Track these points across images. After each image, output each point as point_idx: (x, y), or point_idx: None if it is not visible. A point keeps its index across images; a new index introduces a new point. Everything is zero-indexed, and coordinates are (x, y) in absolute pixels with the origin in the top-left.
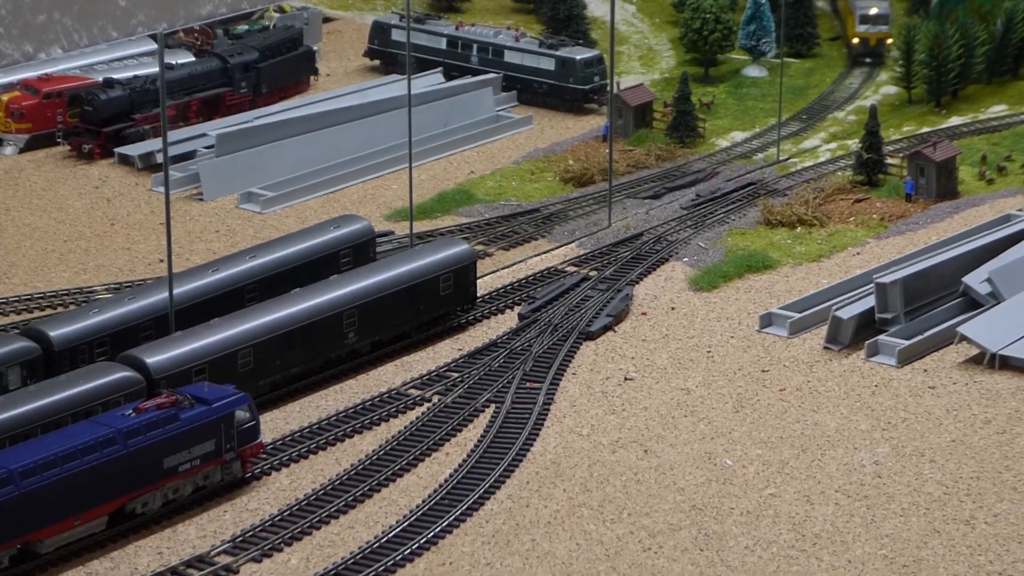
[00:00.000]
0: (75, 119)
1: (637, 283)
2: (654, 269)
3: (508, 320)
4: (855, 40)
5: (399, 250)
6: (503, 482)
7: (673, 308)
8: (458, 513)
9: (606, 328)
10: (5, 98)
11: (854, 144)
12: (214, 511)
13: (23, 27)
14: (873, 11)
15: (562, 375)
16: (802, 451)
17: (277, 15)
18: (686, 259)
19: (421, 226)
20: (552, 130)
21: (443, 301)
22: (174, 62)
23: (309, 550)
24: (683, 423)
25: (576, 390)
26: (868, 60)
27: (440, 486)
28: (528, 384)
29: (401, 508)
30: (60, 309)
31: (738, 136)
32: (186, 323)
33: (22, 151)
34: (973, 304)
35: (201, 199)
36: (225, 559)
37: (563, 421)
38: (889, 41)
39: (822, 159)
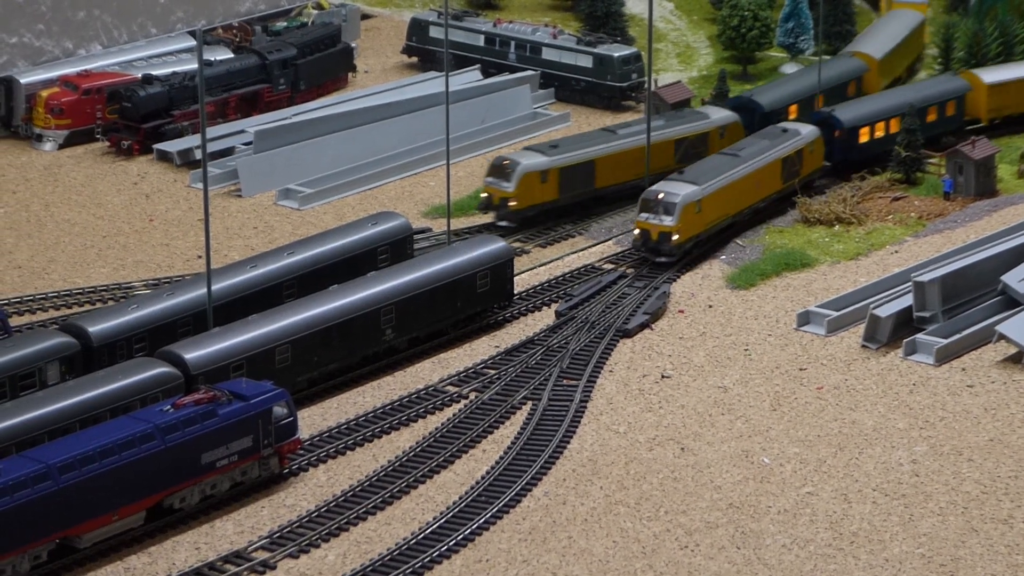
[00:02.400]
0: (114, 115)
1: (674, 281)
2: (692, 267)
3: (545, 317)
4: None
5: (436, 247)
6: (540, 479)
7: (710, 306)
8: (495, 510)
9: (643, 326)
10: (45, 94)
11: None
12: (251, 507)
13: (63, 24)
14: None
15: (599, 372)
16: (839, 449)
17: (315, 12)
18: (723, 257)
19: (458, 223)
20: (589, 127)
21: (480, 298)
22: (213, 59)
23: (346, 546)
24: (720, 421)
25: (613, 387)
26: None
27: (477, 483)
28: (565, 381)
29: (438, 505)
30: (99, 305)
31: None
32: (224, 319)
33: (61, 147)
34: (1011, 303)
35: (239, 195)
36: (262, 555)
37: (600, 418)
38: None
39: None
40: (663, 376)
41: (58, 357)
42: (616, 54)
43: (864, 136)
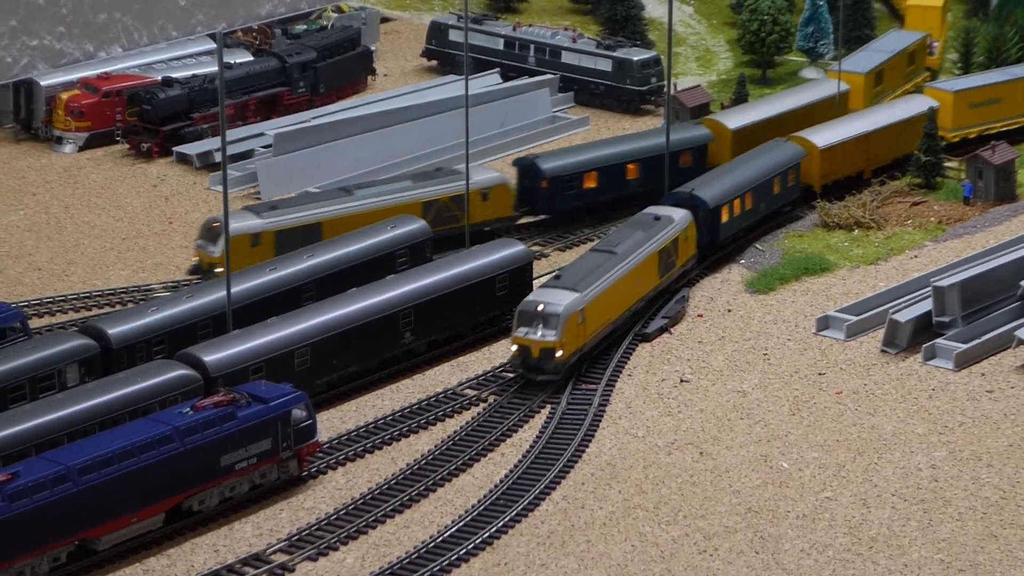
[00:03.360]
0: (134, 118)
1: (693, 285)
2: (711, 271)
3: None
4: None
5: (455, 250)
6: (558, 483)
7: (729, 310)
8: (513, 514)
9: (662, 330)
10: (65, 96)
11: None
12: (270, 509)
13: (84, 26)
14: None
15: (618, 376)
16: (858, 454)
17: (335, 15)
18: (743, 261)
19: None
20: (609, 131)
21: (499, 302)
22: (232, 61)
23: (364, 549)
24: (739, 425)
25: (632, 391)
26: None
27: (495, 486)
28: (584, 385)
29: (456, 508)
30: (118, 307)
31: None
32: (243, 322)
33: (81, 149)
34: None
35: (259, 198)
36: (281, 557)
37: (618, 422)
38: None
39: None
40: (682, 380)
41: (78, 359)
42: (635, 58)
43: (725, 215)
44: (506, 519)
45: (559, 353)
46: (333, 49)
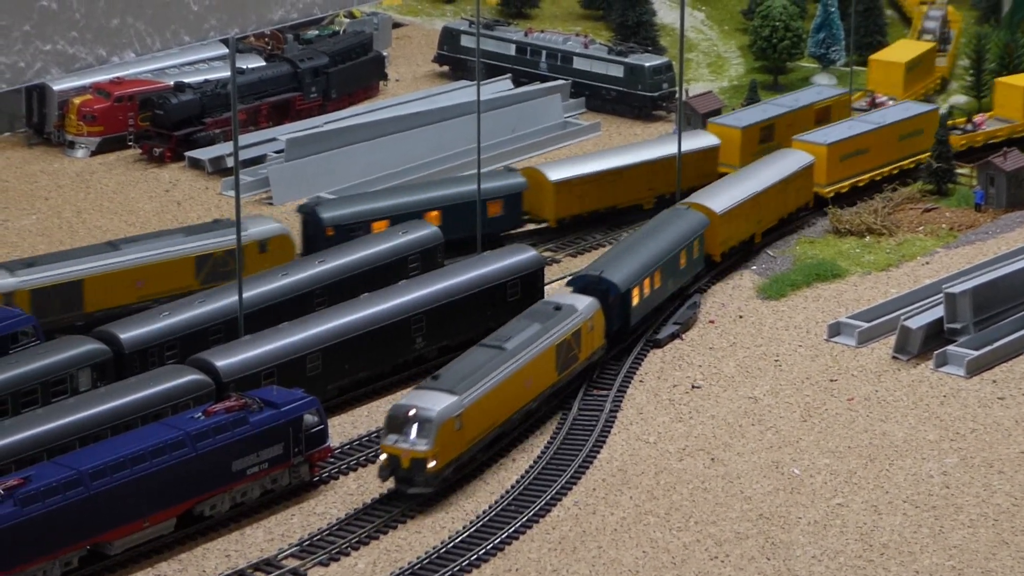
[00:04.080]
0: (146, 122)
1: (705, 291)
2: (722, 278)
3: None
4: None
5: (467, 256)
6: (570, 488)
7: (741, 316)
8: (525, 519)
9: (674, 336)
10: (77, 101)
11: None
12: (282, 514)
13: (97, 31)
14: None
15: (629, 382)
16: (870, 461)
17: (347, 20)
18: (754, 267)
19: None
20: (620, 137)
21: (511, 307)
22: (245, 67)
23: (376, 554)
24: (750, 432)
25: (643, 397)
26: None
27: (507, 492)
28: (595, 391)
29: (468, 513)
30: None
31: None
32: (255, 327)
33: (94, 154)
34: None
35: (271, 203)
36: (292, 562)
37: (630, 428)
38: None
39: None
40: (693, 386)
41: (90, 364)
42: (647, 64)
43: (636, 298)
44: (518, 524)
45: (431, 464)
46: (345, 54)
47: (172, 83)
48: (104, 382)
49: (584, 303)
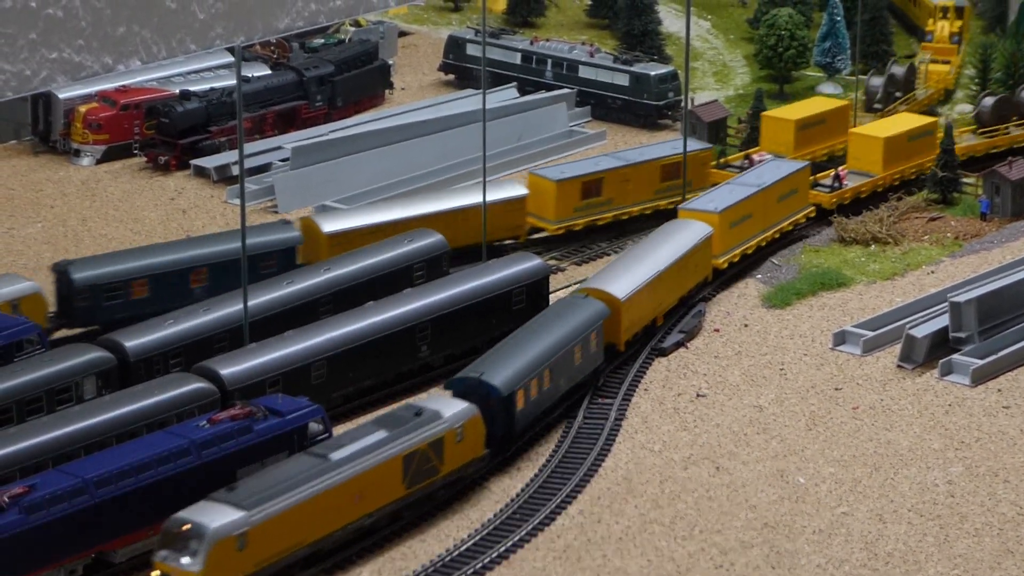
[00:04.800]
0: (152, 131)
1: (710, 300)
2: (727, 286)
3: None
4: None
5: (472, 264)
6: (575, 497)
7: (746, 325)
8: (529, 528)
9: (678, 344)
10: (83, 109)
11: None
12: None
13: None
14: None
15: (634, 391)
16: (875, 470)
17: (353, 29)
18: (759, 276)
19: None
20: (625, 146)
21: (516, 316)
22: (250, 75)
23: (381, 563)
24: (755, 440)
25: (648, 406)
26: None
27: (512, 500)
28: (600, 400)
29: (472, 522)
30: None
31: None
32: (260, 335)
33: (99, 162)
34: None
35: (276, 211)
36: (297, 571)
37: (635, 437)
38: None
39: None
40: (698, 395)
41: (95, 372)
42: (653, 72)
43: (521, 402)
44: (522, 533)
45: None
46: (351, 63)
47: (178, 91)
48: (109, 390)
49: (454, 409)
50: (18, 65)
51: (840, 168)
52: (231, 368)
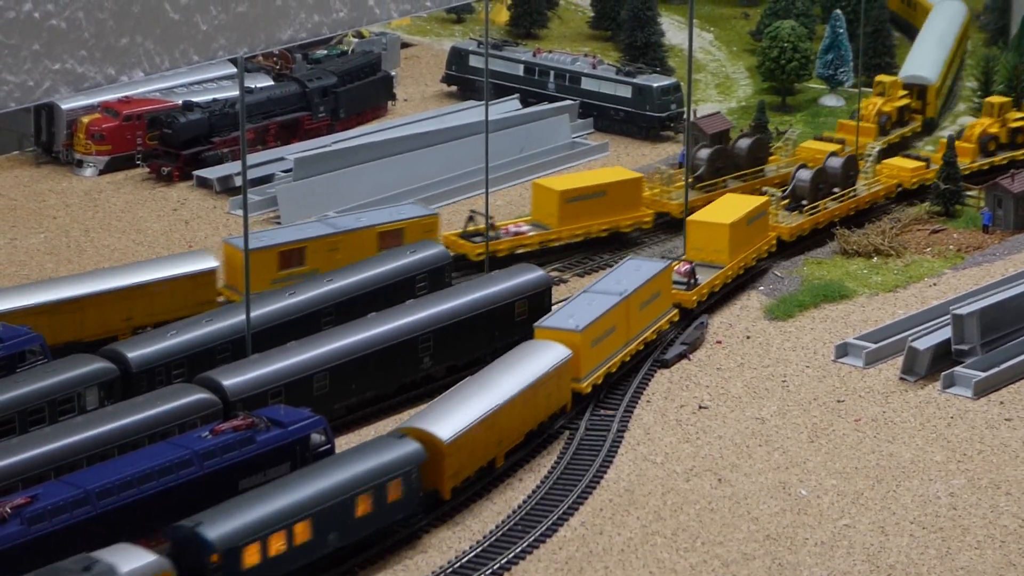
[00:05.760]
0: (154, 142)
1: (712, 311)
2: (730, 299)
3: None
4: None
5: (474, 275)
6: (576, 509)
7: (748, 337)
8: (531, 540)
9: (681, 356)
10: (86, 120)
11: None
12: None
13: (106, 50)
14: None
15: (636, 403)
16: (877, 482)
17: (356, 40)
18: (762, 288)
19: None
20: (628, 157)
21: (518, 327)
22: (253, 86)
23: (382, 575)
24: (757, 452)
25: (650, 418)
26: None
27: (513, 512)
28: (602, 411)
29: (474, 533)
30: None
31: None
32: (263, 346)
33: (102, 173)
34: None
35: (279, 223)
36: None
37: (637, 449)
38: None
39: None
40: (700, 407)
41: (97, 382)
42: (655, 84)
43: (252, 558)
44: (524, 545)
45: None
46: (354, 74)
47: (180, 102)
48: (111, 401)
49: (134, 564)
50: (21, 76)
51: (681, 259)
52: (233, 379)
